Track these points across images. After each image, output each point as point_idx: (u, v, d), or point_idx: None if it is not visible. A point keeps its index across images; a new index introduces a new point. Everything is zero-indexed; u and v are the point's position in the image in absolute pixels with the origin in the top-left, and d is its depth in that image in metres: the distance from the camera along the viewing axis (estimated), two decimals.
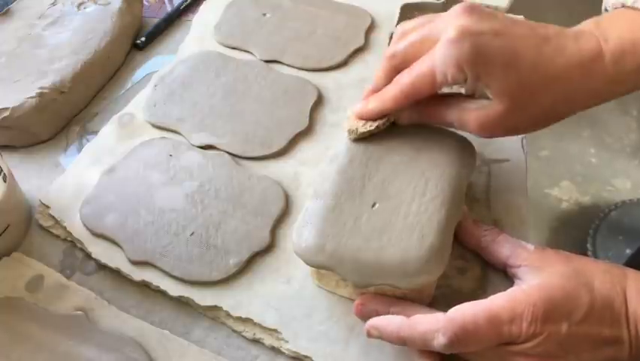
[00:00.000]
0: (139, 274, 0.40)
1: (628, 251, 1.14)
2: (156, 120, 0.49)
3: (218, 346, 0.37)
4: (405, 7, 0.58)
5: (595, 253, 1.16)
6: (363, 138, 0.39)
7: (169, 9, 0.61)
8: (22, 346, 0.36)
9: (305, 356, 0.36)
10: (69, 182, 0.45)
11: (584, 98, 0.36)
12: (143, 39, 0.57)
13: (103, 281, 0.40)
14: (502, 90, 0.35)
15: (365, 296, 0.36)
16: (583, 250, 1.17)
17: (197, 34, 0.57)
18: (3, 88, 0.48)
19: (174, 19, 0.60)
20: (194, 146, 0.46)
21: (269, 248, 0.41)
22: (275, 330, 0.37)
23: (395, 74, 0.38)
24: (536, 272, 0.34)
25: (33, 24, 0.54)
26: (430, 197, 0.36)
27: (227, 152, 0.46)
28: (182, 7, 0.61)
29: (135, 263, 0.40)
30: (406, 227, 0.35)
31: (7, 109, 0.46)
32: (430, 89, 0.36)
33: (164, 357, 0.36)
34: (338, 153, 0.39)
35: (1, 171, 0.40)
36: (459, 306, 0.32)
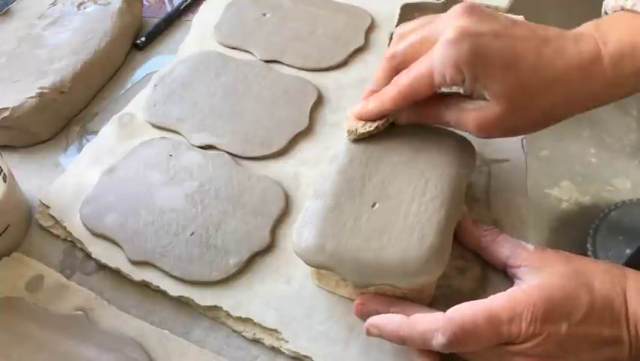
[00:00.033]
0: (139, 274, 0.40)
1: (628, 251, 1.14)
2: (156, 120, 0.49)
3: (218, 346, 0.37)
4: (405, 7, 0.58)
5: (595, 253, 1.16)
6: (362, 139, 0.39)
7: (169, 9, 0.61)
8: (22, 346, 0.36)
9: (305, 356, 0.36)
10: (69, 182, 0.45)
11: (583, 100, 0.36)
12: (143, 39, 0.57)
13: (103, 281, 0.40)
14: (500, 92, 0.35)
15: (365, 296, 0.36)
16: (583, 250, 1.17)
17: (197, 34, 0.57)
18: (3, 88, 0.48)
19: (174, 19, 0.60)
20: (194, 146, 0.46)
21: (269, 248, 0.41)
22: (275, 330, 0.37)
23: (395, 75, 0.38)
24: (536, 272, 0.34)
25: (33, 24, 0.54)
26: (430, 197, 0.36)
27: (227, 152, 0.46)
28: (182, 7, 0.61)
29: (135, 263, 0.40)
30: (406, 227, 0.35)
31: (7, 109, 0.46)
32: (429, 90, 0.36)
33: (164, 357, 0.36)
34: (338, 153, 0.40)
35: (1, 171, 0.40)
36: (458, 306, 0.32)
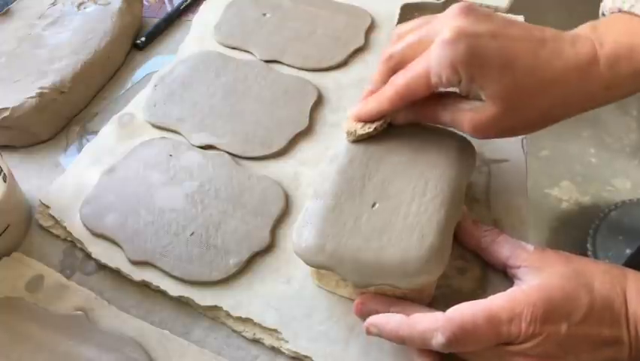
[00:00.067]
0: (139, 274, 0.40)
1: (628, 251, 1.14)
2: (156, 120, 0.49)
3: (218, 346, 0.37)
4: (405, 7, 0.58)
5: (595, 253, 1.16)
6: (361, 140, 0.39)
7: (169, 9, 0.61)
8: (22, 346, 0.36)
9: (305, 356, 0.36)
10: (69, 182, 0.45)
11: (579, 102, 0.36)
12: (143, 39, 0.57)
13: (103, 281, 0.40)
14: (496, 93, 0.35)
15: (365, 296, 0.36)
16: (583, 250, 1.17)
17: (197, 34, 0.57)
18: (3, 88, 0.48)
19: (174, 19, 0.60)
20: (194, 146, 0.46)
21: (269, 248, 0.41)
22: (275, 330, 0.37)
23: (392, 76, 0.38)
24: (536, 273, 0.34)
25: (33, 24, 0.54)
26: (430, 197, 0.36)
27: (227, 152, 0.46)
28: (182, 7, 0.61)
29: (135, 263, 0.40)
30: (406, 227, 0.35)
31: (7, 109, 0.46)
32: (425, 90, 0.36)
33: (164, 357, 0.36)
34: (338, 153, 0.39)
35: (1, 171, 0.40)
36: (458, 306, 0.32)
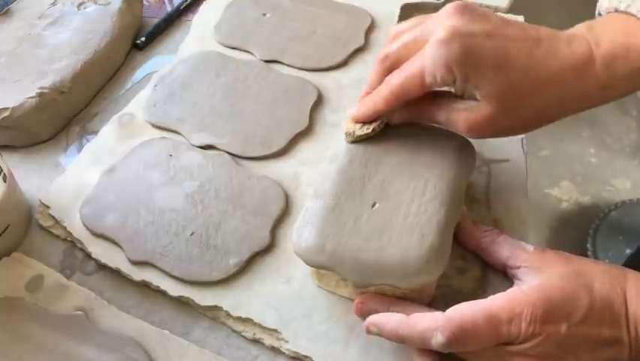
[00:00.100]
0: (139, 274, 0.40)
1: (628, 251, 1.14)
2: (156, 120, 0.49)
3: (218, 346, 0.37)
4: (405, 7, 0.58)
5: (595, 253, 1.16)
6: (360, 141, 0.39)
7: (169, 9, 0.61)
8: (22, 346, 0.36)
9: (305, 356, 0.36)
10: (69, 182, 0.45)
11: (575, 101, 0.36)
12: (143, 39, 0.57)
13: (103, 281, 0.40)
14: (491, 92, 0.35)
15: (365, 295, 0.36)
16: (583, 250, 1.17)
17: (197, 34, 0.57)
18: (3, 88, 0.48)
19: (174, 19, 0.60)
20: (194, 146, 0.46)
21: (269, 248, 0.41)
22: (275, 330, 0.37)
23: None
24: (536, 273, 0.34)
25: (33, 24, 0.54)
26: (430, 197, 0.36)
27: (227, 152, 0.46)
28: (182, 7, 0.61)
29: (135, 263, 0.40)
30: (406, 227, 0.35)
31: (7, 109, 0.46)
32: (420, 90, 0.36)
33: (164, 357, 0.36)
34: (338, 153, 0.40)
35: (1, 171, 0.40)
36: (458, 306, 0.32)
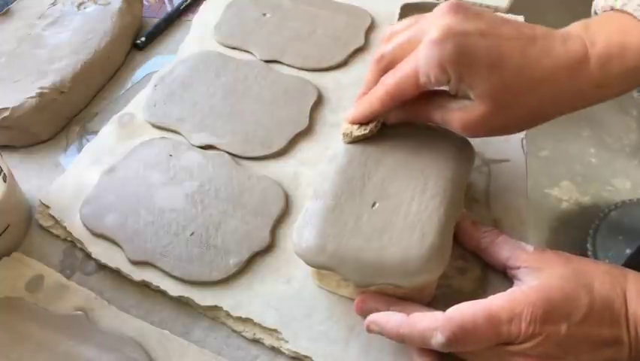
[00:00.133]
0: (139, 274, 0.40)
1: (628, 251, 1.14)
2: (156, 120, 0.49)
3: (218, 346, 0.37)
4: (405, 7, 0.58)
5: (595, 253, 1.16)
6: (358, 142, 0.39)
7: (169, 9, 0.61)
8: (22, 346, 0.36)
9: (305, 356, 0.36)
10: (69, 182, 0.45)
11: (570, 100, 0.36)
12: (143, 39, 0.57)
13: (103, 281, 0.40)
14: (485, 92, 0.34)
15: (366, 294, 0.36)
16: (583, 250, 1.17)
17: (197, 34, 0.57)
18: (3, 88, 0.48)
19: (174, 19, 0.60)
20: (194, 146, 0.46)
21: (269, 248, 0.41)
22: (275, 330, 0.37)
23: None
24: (536, 273, 0.34)
25: (33, 24, 0.54)
26: (430, 196, 0.36)
27: (227, 152, 0.46)
28: (182, 7, 0.61)
29: (135, 263, 0.40)
30: (407, 226, 0.35)
31: (7, 109, 0.46)
32: (414, 90, 0.36)
33: (164, 357, 0.36)
34: (337, 153, 0.40)
35: (1, 171, 0.40)
36: (458, 305, 0.32)
